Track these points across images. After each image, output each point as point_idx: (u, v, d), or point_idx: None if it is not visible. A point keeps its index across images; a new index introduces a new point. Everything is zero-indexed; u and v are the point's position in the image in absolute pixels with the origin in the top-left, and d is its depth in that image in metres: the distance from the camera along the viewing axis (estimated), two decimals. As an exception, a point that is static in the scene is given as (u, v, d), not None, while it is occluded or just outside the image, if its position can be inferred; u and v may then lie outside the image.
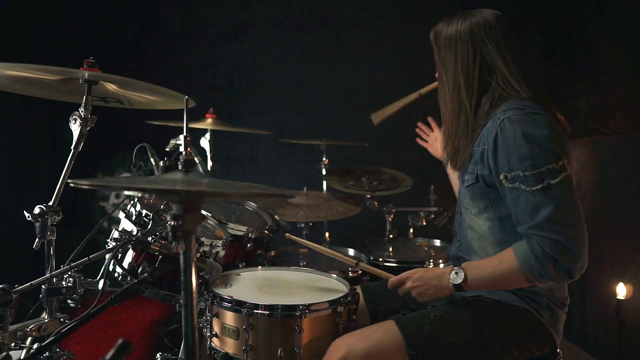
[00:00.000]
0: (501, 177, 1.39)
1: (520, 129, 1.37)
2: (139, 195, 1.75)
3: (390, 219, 2.73)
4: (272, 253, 2.41)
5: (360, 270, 1.91)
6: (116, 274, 1.72)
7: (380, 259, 2.35)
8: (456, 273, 1.44)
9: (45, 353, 1.49)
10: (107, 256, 1.62)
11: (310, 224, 2.66)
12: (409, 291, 1.52)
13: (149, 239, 1.65)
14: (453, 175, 1.91)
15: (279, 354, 1.43)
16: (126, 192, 1.20)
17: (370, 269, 1.73)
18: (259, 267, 1.93)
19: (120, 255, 1.73)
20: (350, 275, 2.15)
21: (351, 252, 2.49)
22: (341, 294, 1.56)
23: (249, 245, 2.05)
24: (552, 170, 1.33)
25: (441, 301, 1.55)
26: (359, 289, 1.80)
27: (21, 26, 3.54)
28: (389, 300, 1.74)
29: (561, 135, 1.42)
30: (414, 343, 1.38)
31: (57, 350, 1.53)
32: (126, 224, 1.79)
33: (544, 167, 1.33)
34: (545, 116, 1.42)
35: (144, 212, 1.75)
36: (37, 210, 1.48)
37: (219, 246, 1.83)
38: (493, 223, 1.50)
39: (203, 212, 1.09)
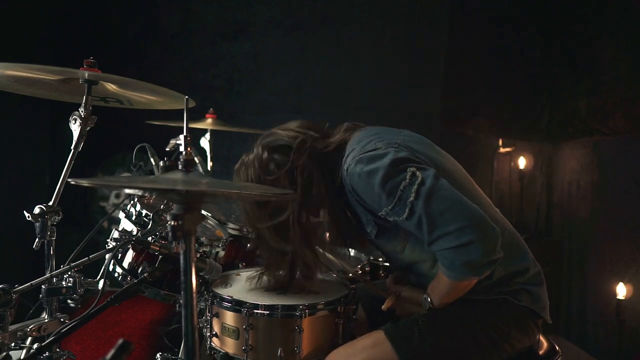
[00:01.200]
0: (381, 215, 1.42)
1: (362, 170, 1.39)
2: (139, 194, 1.75)
3: (390, 219, 2.72)
4: (272, 253, 2.40)
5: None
6: (116, 274, 1.72)
7: (380, 259, 2.35)
8: (425, 299, 1.48)
9: (45, 353, 1.49)
10: (107, 256, 1.62)
11: (310, 224, 2.65)
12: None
13: (149, 239, 1.65)
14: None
15: (279, 354, 1.43)
16: (127, 191, 1.20)
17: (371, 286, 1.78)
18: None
19: (120, 255, 1.73)
20: (350, 275, 2.15)
21: (351, 252, 2.49)
22: (341, 294, 1.56)
23: (249, 245, 2.05)
24: (405, 189, 1.33)
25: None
26: None
27: (21, 26, 3.55)
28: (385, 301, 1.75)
29: (396, 135, 1.46)
30: (404, 353, 1.38)
31: (57, 350, 1.53)
32: (126, 224, 1.79)
33: (397, 192, 1.34)
34: (372, 133, 1.47)
35: (144, 212, 1.75)
36: (37, 210, 1.48)
37: (219, 246, 1.84)
38: (419, 245, 1.48)
39: (203, 212, 1.09)
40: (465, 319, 1.44)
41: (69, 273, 1.52)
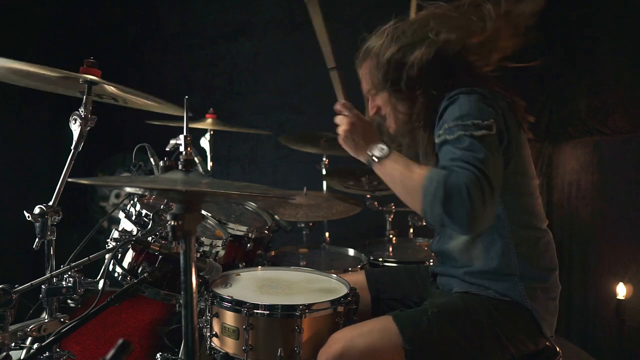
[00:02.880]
0: (435, 140, 1.39)
1: (466, 97, 1.38)
2: (140, 193, 1.75)
3: (390, 219, 2.73)
4: (272, 253, 2.41)
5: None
6: (116, 274, 1.72)
7: (380, 259, 2.35)
8: (381, 149, 1.44)
9: (45, 353, 1.49)
10: (107, 256, 1.62)
11: (310, 224, 2.66)
12: (339, 125, 1.55)
13: (149, 239, 1.65)
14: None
15: (279, 354, 1.43)
16: (127, 189, 1.20)
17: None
18: (259, 267, 1.93)
19: (120, 255, 1.73)
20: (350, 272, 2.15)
21: (351, 252, 2.49)
22: (341, 294, 1.56)
23: (249, 245, 2.05)
24: (477, 125, 1.32)
25: (438, 299, 1.56)
26: (362, 275, 1.81)
27: (21, 26, 3.54)
28: (392, 289, 1.75)
29: (503, 109, 1.43)
30: (410, 339, 1.38)
31: (57, 350, 1.53)
32: (126, 224, 1.79)
33: (469, 120, 1.32)
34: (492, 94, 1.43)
35: (144, 212, 1.75)
36: (37, 210, 1.48)
37: (219, 246, 1.84)
38: None
39: (203, 212, 1.09)
40: (475, 316, 1.45)
41: (69, 273, 1.52)
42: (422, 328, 1.40)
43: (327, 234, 2.84)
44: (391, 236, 2.72)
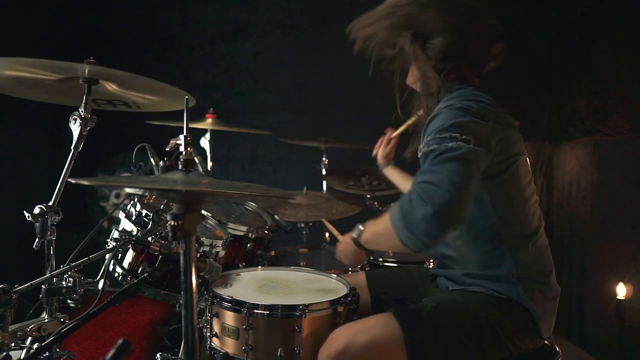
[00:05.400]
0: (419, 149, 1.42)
1: (449, 112, 1.40)
2: (140, 193, 1.75)
3: (390, 219, 2.72)
4: (272, 253, 2.41)
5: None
6: (116, 274, 1.72)
7: (380, 259, 2.35)
8: (358, 226, 1.56)
9: (45, 353, 1.49)
10: (107, 256, 1.62)
11: (310, 223, 2.66)
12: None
13: (149, 239, 1.65)
14: (393, 175, 2.12)
15: (279, 354, 1.44)
16: (127, 190, 1.20)
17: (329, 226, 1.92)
18: (259, 267, 1.93)
19: (120, 255, 1.73)
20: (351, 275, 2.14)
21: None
22: (341, 294, 1.57)
23: (249, 245, 2.05)
24: (454, 138, 1.32)
25: (437, 296, 1.57)
26: (362, 275, 1.82)
27: (21, 26, 3.55)
28: (392, 289, 1.76)
29: (492, 126, 1.43)
30: (410, 332, 1.39)
31: (57, 350, 1.54)
32: (126, 224, 1.79)
33: (446, 133, 1.33)
34: (484, 105, 1.45)
35: (144, 212, 1.75)
36: (37, 210, 1.49)
37: (219, 246, 1.84)
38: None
39: (203, 212, 1.09)
40: (475, 312, 1.45)
41: (69, 273, 1.52)
42: (422, 322, 1.41)
43: (327, 234, 2.84)
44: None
